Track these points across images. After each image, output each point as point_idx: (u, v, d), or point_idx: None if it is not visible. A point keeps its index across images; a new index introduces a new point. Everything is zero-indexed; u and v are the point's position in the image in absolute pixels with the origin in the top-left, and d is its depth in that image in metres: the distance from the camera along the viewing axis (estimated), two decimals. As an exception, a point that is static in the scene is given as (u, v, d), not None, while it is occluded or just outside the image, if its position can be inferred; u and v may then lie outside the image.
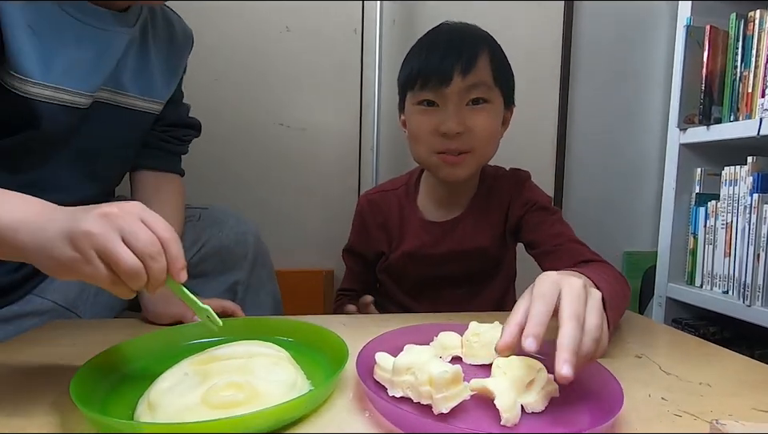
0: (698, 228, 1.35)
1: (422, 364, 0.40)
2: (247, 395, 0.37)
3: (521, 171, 0.90)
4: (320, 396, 0.41)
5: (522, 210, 0.84)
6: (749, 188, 1.20)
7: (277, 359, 0.43)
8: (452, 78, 0.74)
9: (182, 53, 0.80)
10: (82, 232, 0.36)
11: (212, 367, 0.41)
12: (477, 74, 0.75)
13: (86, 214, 0.38)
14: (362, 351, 0.47)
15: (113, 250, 0.36)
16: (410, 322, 0.64)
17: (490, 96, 0.77)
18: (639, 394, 0.45)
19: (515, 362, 0.42)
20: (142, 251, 0.37)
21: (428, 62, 0.76)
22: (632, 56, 1.46)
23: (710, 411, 0.42)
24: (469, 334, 0.51)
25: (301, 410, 0.38)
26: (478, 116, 0.77)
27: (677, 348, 0.61)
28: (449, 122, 0.75)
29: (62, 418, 0.38)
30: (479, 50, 0.76)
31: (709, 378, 0.50)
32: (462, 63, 0.74)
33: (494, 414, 0.38)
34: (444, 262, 0.86)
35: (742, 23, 1.24)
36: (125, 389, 0.43)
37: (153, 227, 0.38)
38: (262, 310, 0.83)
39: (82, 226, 0.36)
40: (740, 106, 1.24)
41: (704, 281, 1.33)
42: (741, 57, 1.24)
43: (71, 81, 0.58)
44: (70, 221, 0.37)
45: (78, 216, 0.38)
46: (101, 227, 0.36)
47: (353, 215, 0.96)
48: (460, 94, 0.75)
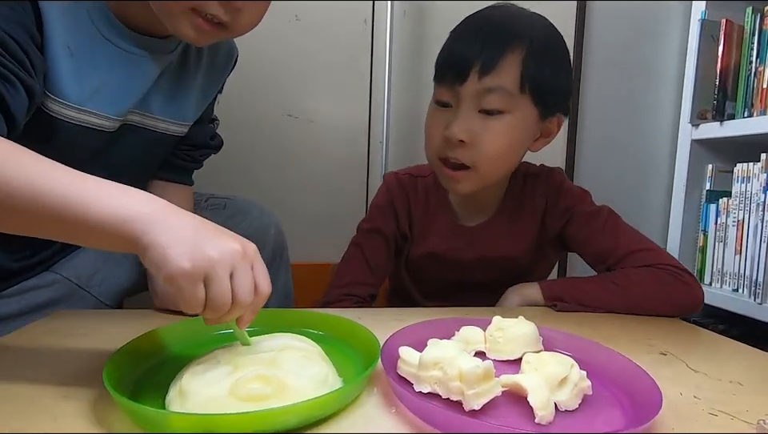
0: (708, 225, 1.34)
1: (450, 359, 0.39)
2: (275, 389, 0.36)
3: (554, 172, 0.81)
4: (351, 393, 0.39)
5: (561, 221, 0.78)
6: (762, 185, 1.19)
7: (308, 353, 0.43)
8: (467, 77, 0.66)
9: (222, 74, 0.78)
10: (206, 256, 0.37)
11: (243, 358, 0.41)
12: (497, 76, 0.65)
13: (215, 239, 0.39)
14: (385, 345, 0.46)
15: (219, 286, 0.37)
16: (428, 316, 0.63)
17: (510, 106, 0.67)
18: (670, 392, 0.43)
19: (546, 358, 0.41)
20: (237, 298, 0.39)
21: (450, 53, 0.69)
22: (644, 51, 1.44)
23: (746, 411, 0.41)
24: (492, 328, 0.50)
25: (330, 407, 0.37)
26: (488, 128, 0.67)
27: (700, 345, 0.60)
28: (453, 127, 0.67)
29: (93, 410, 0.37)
30: (508, 48, 0.66)
31: (738, 376, 0.48)
32: (481, 60, 0.65)
33: (525, 411, 0.37)
34: (470, 268, 0.80)
35: (757, 18, 1.23)
36: (159, 376, 0.43)
37: (258, 279, 0.40)
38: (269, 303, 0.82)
39: (207, 250, 0.37)
40: (754, 101, 1.22)
41: (714, 279, 1.32)
42: (756, 52, 1.23)
43: (100, 104, 0.58)
44: (196, 234, 0.38)
45: (204, 234, 0.39)
46: (221, 260, 0.37)
47: (360, 208, 0.92)
48: (474, 98, 0.67)
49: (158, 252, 0.37)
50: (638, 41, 1.42)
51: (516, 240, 0.79)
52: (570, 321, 0.66)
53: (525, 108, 0.68)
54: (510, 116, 0.68)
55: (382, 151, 1.26)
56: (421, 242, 0.81)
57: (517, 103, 0.67)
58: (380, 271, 0.81)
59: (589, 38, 1.38)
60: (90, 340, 0.52)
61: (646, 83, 1.45)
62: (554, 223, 0.79)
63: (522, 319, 0.50)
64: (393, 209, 0.81)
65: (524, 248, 0.80)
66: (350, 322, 0.53)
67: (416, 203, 0.81)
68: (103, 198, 0.38)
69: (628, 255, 0.73)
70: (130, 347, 0.43)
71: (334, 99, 1.26)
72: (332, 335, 0.53)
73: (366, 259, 0.80)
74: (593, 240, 0.76)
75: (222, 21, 0.54)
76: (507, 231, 0.79)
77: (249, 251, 0.40)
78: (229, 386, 0.36)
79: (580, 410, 0.39)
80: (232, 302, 0.38)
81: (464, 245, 0.79)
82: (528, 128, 0.71)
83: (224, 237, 0.39)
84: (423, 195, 0.81)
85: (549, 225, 0.79)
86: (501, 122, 0.67)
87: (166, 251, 0.36)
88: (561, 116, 0.74)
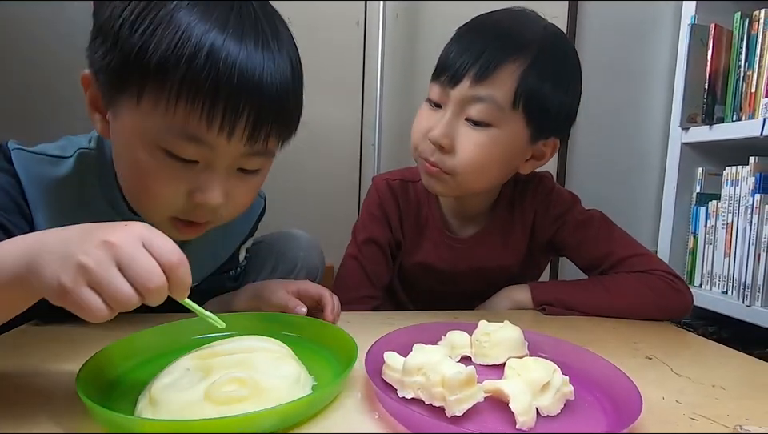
0: (698, 228, 1.35)
1: (433, 365, 0.39)
2: (251, 391, 0.36)
3: (544, 179, 0.79)
4: (329, 394, 0.39)
5: (552, 229, 0.77)
6: (750, 189, 1.20)
7: (278, 354, 0.42)
8: (460, 81, 0.63)
9: (237, 238, 0.71)
10: (76, 264, 0.32)
11: (213, 361, 0.40)
12: (490, 86, 0.62)
13: (83, 242, 0.33)
14: (370, 349, 0.46)
15: (108, 286, 0.32)
16: (415, 320, 0.63)
17: (498, 120, 0.63)
18: (653, 396, 0.44)
19: (529, 363, 0.41)
20: (141, 286, 0.33)
21: (449, 53, 0.66)
22: (635, 55, 1.45)
23: (727, 415, 0.41)
24: (478, 333, 0.50)
25: (310, 408, 0.37)
26: (470, 138, 0.64)
27: (686, 349, 0.60)
28: (434, 130, 0.65)
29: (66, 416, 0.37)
30: (508, 57, 0.62)
31: (722, 380, 0.49)
32: (477, 66, 0.62)
33: (508, 417, 0.37)
34: (462, 279, 0.79)
35: (746, 22, 1.24)
36: (127, 384, 0.42)
37: (156, 251, 0.34)
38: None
39: (76, 257, 0.32)
40: (743, 105, 1.24)
41: (703, 281, 1.33)
42: (745, 56, 1.24)
43: None
44: (65, 245, 0.33)
45: (73, 241, 0.34)
46: (95, 261, 0.32)
47: (353, 210, 0.91)
48: (462, 104, 0.64)
49: (38, 281, 0.33)
50: (628, 45, 1.44)
51: (509, 251, 0.79)
52: (558, 324, 0.66)
53: (515, 125, 0.64)
54: (497, 130, 0.64)
55: (374, 154, 1.27)
56: (413, 252, 0.80)
57: (506, 118, 0.63)
58: (380, 280, 0.79)
59: (579, 42, 1.39)
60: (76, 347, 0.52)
61: (636, 87, 1.46)
62: (544, 230, 0.78)
63: (507, 323, 0.50)
64: (385, 216, 0.79)
65: (516, 258, 0.79)
66: (327, 324, 0.53)
67: (407, 211, 0.79)
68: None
69: (620, 262, 0.73)
70: (103, 354, 0.42)
71: (326, 102, 1.27)
72: (309, 337, 0.52)
73: (366, 272, 0.77)
74: (585, 247, 0.76)
75: (210, 221, 0.52)
76: (500, 241, 0.78)
77: (131, 234, 0.34)
78: (203, 390, 0.35)
79: (562, 415, 0.39)
80: (138, 292, 0.33)
81: (457, 257, 0.78)
82: (515, 147, 0.67)
83: (93, 235, 0.34)
84: (415, 203, 0.79)
85: (539, 233, 0.79)
86: (484, 134, 0.64)
87: (41, 277, 0.33)
88: (557, 140, 0.70)
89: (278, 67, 0.47)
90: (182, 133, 0.45)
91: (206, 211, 0.50)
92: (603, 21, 1.40)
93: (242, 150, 0.48)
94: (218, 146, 0.46)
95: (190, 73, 0.42)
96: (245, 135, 0.46)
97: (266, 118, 0.47)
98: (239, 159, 0.49)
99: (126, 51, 0.43)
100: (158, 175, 0.47)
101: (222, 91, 0.43)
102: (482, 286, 0.79)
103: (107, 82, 0.47)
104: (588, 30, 1.40)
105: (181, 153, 0.46)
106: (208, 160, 0.48)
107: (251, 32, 0.45)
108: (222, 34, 0.43)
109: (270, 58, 0.46)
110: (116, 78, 0.46)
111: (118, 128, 0.48)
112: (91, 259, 0.32)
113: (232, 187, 0.50)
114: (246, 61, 0.44)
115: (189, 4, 0.43)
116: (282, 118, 0.49)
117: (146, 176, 0.47)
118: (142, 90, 0.44)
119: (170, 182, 0.47)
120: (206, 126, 0.44)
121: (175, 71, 0.42)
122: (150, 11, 0.43)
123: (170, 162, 0.46)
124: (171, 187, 0.47)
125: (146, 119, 0.45)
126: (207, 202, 0.48)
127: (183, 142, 0.45)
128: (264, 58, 0.45)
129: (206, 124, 0.44)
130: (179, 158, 0.46)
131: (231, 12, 0.44)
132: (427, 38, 1.28)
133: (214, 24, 0.43)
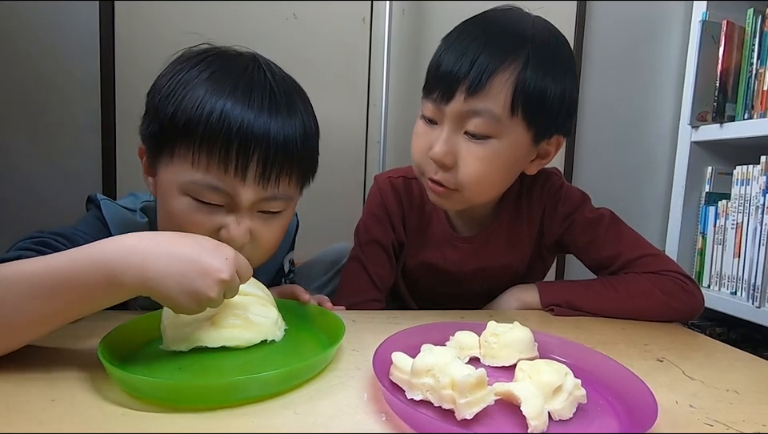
0: (707, 228, 1.34)
1: (443, 366, 0.38)
2: (244, 323, 0.50)
3: (552, 176, 0.77)
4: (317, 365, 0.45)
5: (561, 227, 0.75)
6: (761, 188, 1.18)
7: (264, 301, 0.53)
8: (453, 95, 0.61)
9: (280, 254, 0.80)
10: (206, 299, 0.43)
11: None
12: (485, 98, 0.59)
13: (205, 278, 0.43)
14: (378, 350, 0.45)
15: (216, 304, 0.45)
16: (422, 320, 0.62)
17: (497, 131, 0.61)
18: (666, 400, 0.43)
19: (540, 365, 0.40)
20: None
21: (438, 67, 0.63)
22: (644, 52, 1.43)
23: (743, 421, 0.40)
24: (487, 334, 0.49)
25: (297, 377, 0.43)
26: (472, 153, 0.62)
27: (697, 351, 0.59)
28: (435, 149, 0.62)
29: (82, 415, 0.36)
30: (500, 65, 0.59)
31: (735, 384, 0.48)
32: (469, 79, 0.59)
33: (519, 420, 0.36)
34: (468, 279, 0.78)
35: (759, 19, 1.22)
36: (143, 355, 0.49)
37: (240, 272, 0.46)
38: None
39: (207, 293, 0.43)
40: (755, 103, 1.22)
41: (712, 281, 1.32)
42: (757, 53, 1.22)
43: None
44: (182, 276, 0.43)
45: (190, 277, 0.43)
46: (215, 296, 0.43)
47: (357, 209, 0.90)
48: (459, 119, 0.62)
49: (159, 297, 0.43)
50: (638, 42, 1.42)
51: (515, 249, 0.77)
52: (566, 324, 0.65)
53: (516, 132, 0.62)
54: (498, 142, 0.62)
55: (379, 151, 1.26)
56: (417, 252, 0.79)
57: (506, 128, 0.61)
58: (384, 283, 0.78)
59: (589, 40, 1.37)
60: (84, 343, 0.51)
61: (645, 85, 1.44)
62: (552, 229, 0.77)
63: (517, 324, 0.50)
64: (387, 216, 0.78)
65: (523, 256, 0.78)
66: (320, 308, 0.60)
67: (410, 210, 0.78)
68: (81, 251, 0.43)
69: (630, 262, 0.72)
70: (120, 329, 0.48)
71: (332, 99, 1.26)
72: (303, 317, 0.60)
73: (369, 274, 0.76)
74: (594, 247, 0.75)
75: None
76: (506, 240, 0.77)
77: (230, 264, 0.44)
78: (210, 320, 0.48)
79: (574, 419, 0.38)
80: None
81: (462, 257, 0.77)
82: (519, 153, 0.65)
83: (207, 269, 0.43)
84: (418, 201, 0.78)
85: (547, 231, 0.77)
86: (486, 147, 0.62)
87: (163, 297, 0.43)
88: (560, 138, 0.68)
89: (286, 123, 0.55)
90: (204, 180, 0.53)
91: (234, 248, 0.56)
92: (612, 18, 1.39)
93: (257, 192, 0.55)
94: (235, 189, 0.54)
95: (207, 130, 0.52)
96: (256, 178, 0.54)
97: (273, 163, 0.54)
98: (258, 203, 0.56)
99: (162, 118, 0.54)
100: (188, 218, 0.55)
101: (233, 142, 0.52)
102: (487, 286, 0.78)
103: (150, 146, 0.57)
104: (597, 27, 1.38)
105: (206, 198, 0.54)
106: (230, 205, 0.55)
107: (259, 95, 0.54)
108: (233, 99, 0.53)
109: (279, 115, 0.55)
110: (156, 142, 0.56)
111: (159, 184, 0.58)
112: (215, 294, 0.43)
113: (256, 227, 0.57)
114: (255, 118, 0.53)
115: (207, 78, 0.54)
116: (290, 163, 0.56)
117: (178, 219, 0.55)
118: (173, 149, 0.54)
119: (199, 223, 0.55)
120: (223, 171, 0.53)
121: (197, 129, 0.52)
122: (179, 86, 0.54)
123: (199, 206, 0.55)
124: (201, 228, 0.55)
125: (178, 173, 0.54)
126: (232, 237, 0.55)
127: (207, 190, 0.54)
128: (272, 116, 0.54)
129: (223, 170, 0.53)
130: (206, 203, 0.54)
131: (241, 81, 0.54)
132: (434, 35, 1.26)
133: (228, 92, 0.53)
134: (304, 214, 1.30)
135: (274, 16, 1.21)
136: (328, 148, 1.26)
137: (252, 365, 0.47)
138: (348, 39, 1.25)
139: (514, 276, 0.78)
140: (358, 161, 1.28)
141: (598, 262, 0.76)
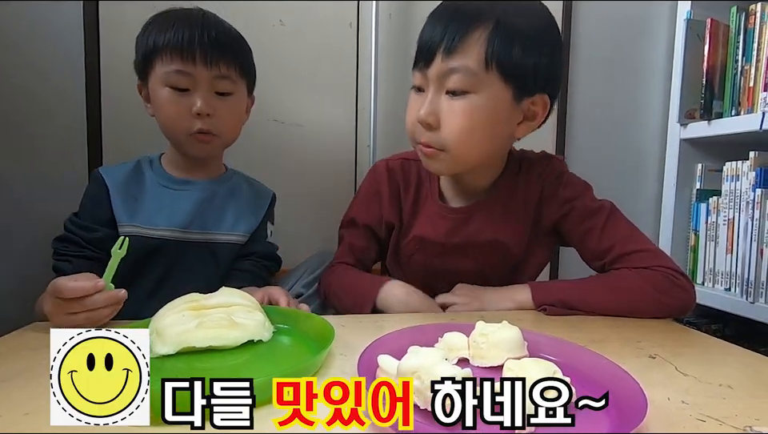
0: (699, 224, 1.34)
1: (429, 368, 0.38)
2: (230, 324, 0.52)
3: (553, 160, 0.79)
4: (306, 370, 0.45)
5: (559, 212, 0.76)
6: (751, 184, 1.19)
7: (250, 308, 0.56)
8: (433, 59, 0.65)
9: (264, 203, 0.93)
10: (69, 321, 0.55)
11: (203, 311, 0.53)
12: (460, 56, 0.63)
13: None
14: (364, 353, 0.44)
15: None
16: (411, 322, 0.62)
17: (474, 86, 0.64)
18: (658, 397, 0.42)
19: (528, 364, 0.40)
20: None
21: (420, 38, 0.68)
22: (631, 51, 1.44)
23: (735, 416, 0.39)
24: (476, 334, 0.49)
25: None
26: (451, 108, 0.65)
27: (691, 348, 0.59)
28: (420, 111, 0.67)
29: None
30: (471, 26, 0.63)
31: (729, 379, 0.47)
32: (445, 41, 0.64)
33: (507, 421, 0.35)
34: (455, 253, 0.78)
35: (743, 16, 1.23)
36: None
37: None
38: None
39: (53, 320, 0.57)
40: (741, 100, 1.22)
41: (706, 278, 1.32)
42: (742, 51, 1.23)
43: (165, 222, 0.81)
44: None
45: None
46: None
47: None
48: (439, 79, 0.66)
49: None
50: (624, 41, 1.42)
51: (505, 226, 0.77)
52: (558, 323, 0.65)
53: (493, 87, 0.65)
54: (476, 96, 0.65)
55: (369, 155, 1.25)
56: (409, 228, 0.81)
57: (482, 82, 0.64)
58: (364, 255, 0.85)
59: (576, 38, 1.38)
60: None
61: (633, 83, 1.44)
62: (550, 212, 0.77)
63: (505, 323, 0.49)
64: (377, 198, 0.82)
65: (514, 235, 0.78)
66: (309, 314, 0.61)
67: (406, 189, 0.81)
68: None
69: (624, 256, 0.72)
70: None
71: (321, 103, 1.25)
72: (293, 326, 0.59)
73: (350, 246, 0.84)
74: (590, 237, 0.75)
75: (210, 130, 0.79)
76: (497, 216, 0.77)
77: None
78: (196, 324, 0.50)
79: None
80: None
81: (450, 228, 0.78)
82: (499, 109, 0.67)
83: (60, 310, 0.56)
84: (415, 180, 0.81)
85: (545, 214, 0.77)
86: (465, 102, 0.65)
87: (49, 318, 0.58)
88: (545, 97, 0.69)
89: (219, 27, 0.79)
90: (172, 67, 0.76)
91: (204, 121, 0.78)
92: (599, 17, 1.39)
93: (207, 70, 0.76)
94: (192, 70, 0.76)
95: (167, 38, 0.76)
96: (204, 59, 0.76)
97: (213, 51, 0.76)
98: (211, 81, 0.78)
99: (143, 49, 0.79)
100: (171, 105, 0.77)
101: (183, 40, 0.75)
102: (476, 263, 0.78)
103: (141, 71, 0.81)
104: (584, 26, 1.38)
105: (177, 83, 0.76)
106: (194, 86, 0.77)
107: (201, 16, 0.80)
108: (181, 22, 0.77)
109: (216, 23, 0.80)
110: (143, 64, 0.79)
111: (151, 92, 0.79)
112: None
113: (215, 104, 0.78)
114: (196, 24, 0.77)
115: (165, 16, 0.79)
116: (225, 50, 0.78)
117: (166, 109, 0.77)
118: (153, 61, 0.77)
119: (178, 106, 0.77)
120: (180, 59, 0.76)
121: (161, 41, 0.76)
122: (148, 27, 0.79)
123: (175, 94, 0.77)
124: (181, 109, 0.77)
125: (159, 75, 0.77)
126: (199, 109, 0.76)
127: (176, 76, 0.76)
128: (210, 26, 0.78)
129: (182, 60, 0.76)
130: (178, 89, 0.77)
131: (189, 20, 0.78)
132: (421, 38, 1.26)
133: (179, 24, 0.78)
134: (294, 217, 1.30)
135: (261, 23, 1.20)
136: (318, 152, 1.27)
137: (240, 370, 0.47)
138: (335, 44, 1.24)
139: (504, 256, 0.78)
140: (348, 165, 1.28)
141: (592, 252, 0.76)
